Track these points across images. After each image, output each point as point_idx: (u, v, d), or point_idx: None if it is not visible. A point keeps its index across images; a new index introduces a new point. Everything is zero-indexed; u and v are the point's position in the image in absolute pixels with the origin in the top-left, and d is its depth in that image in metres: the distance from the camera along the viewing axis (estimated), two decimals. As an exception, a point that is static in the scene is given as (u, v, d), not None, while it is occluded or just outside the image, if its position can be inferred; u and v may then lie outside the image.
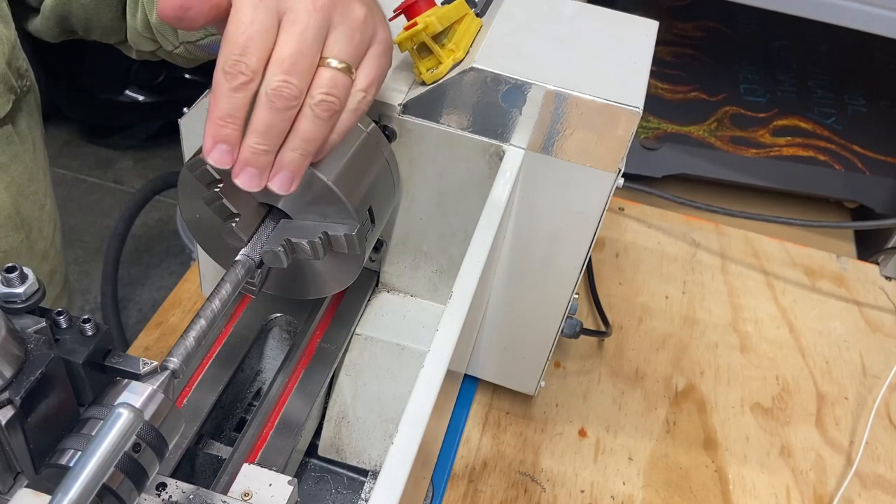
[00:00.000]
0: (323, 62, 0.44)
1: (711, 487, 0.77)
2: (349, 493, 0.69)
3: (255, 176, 0.44)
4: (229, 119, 0.42)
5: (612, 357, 0.88)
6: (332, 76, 0.44)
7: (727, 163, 1.19)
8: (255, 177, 0.44)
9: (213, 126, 0.43)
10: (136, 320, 1.89)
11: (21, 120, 0.65)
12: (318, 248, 0.50)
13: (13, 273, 0.39)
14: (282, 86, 0.42)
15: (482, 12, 0.61)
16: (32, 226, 0.68)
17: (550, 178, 0.59)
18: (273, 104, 0.42)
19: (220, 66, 0.42)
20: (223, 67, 0.42)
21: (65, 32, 0.69)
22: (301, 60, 0.43)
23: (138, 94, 2.19)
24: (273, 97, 0.42)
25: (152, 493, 0.45)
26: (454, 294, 0.50)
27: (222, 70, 0.42)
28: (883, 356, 0.93)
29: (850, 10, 0.97)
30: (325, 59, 0.44)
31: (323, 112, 0.44)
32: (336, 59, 0.44)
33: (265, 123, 0.43)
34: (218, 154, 0.43)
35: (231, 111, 0.42)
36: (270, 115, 0.43)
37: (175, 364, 0.42)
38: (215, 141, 0.43)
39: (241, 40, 0.41)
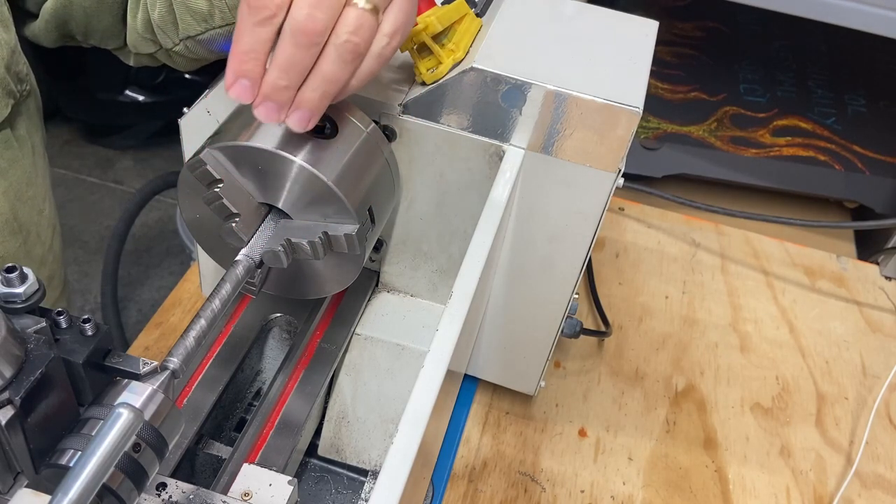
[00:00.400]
0: (350, 1, 0.43)
1: (711, 487, 0.77)
2: (349, 493, 0.69)
3: (273, 110, 0.44)
4: (252, 54, 0.42)
5: (612, 357, 0.88)
6: (358, 16, 0.43)
7: (727, 163, 1.19)
8: (273, 111, 0.44)
9: (234, 61, 0.42)
10: (136, 320, 1.89)
11: (20, 124, 0.65)
12: (318, 248, 0.50)
13: (13, 273, 0.39)
14: (307, 20, 0.41)
15: (482, 12, 0.61)
16: (30, 231, 0.68)
17: (550, 178, 0.59)
18: (297, 39, 0.41)
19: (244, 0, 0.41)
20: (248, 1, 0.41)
21: (63, 37, 0.69)
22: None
23: (138, 94, 2.19)
24: (297, 32, 0.41)
25: (152, 493, 0.45)
26: (454, 294, 0.50)
27: (247, 3, 0.41)
28: (883, 356, 0.93)
29: (850, 10, 0.97)
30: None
31: (347, 53, 0.43)
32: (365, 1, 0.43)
33: (288, 59, 0.42)
34: (239, 88, 0.43)
35: (253, 45, 0.42)
36: (294, 51, 0.42)
37: (175, 364, 0.42)
38: (237, 76, 0.43)
39: None
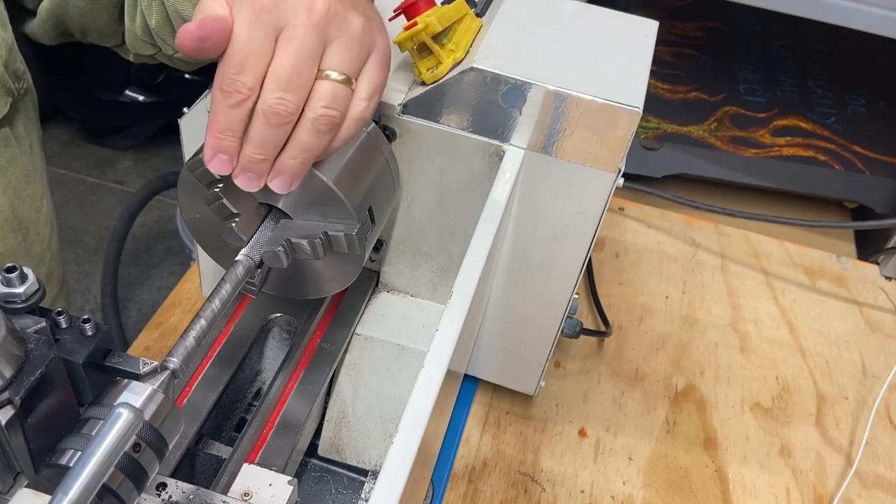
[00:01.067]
0: (321, 74, 0.45)
1: (711, 487, 0.77)
2: (349, 493, 0.69)
3: (253, 179, 0.46)
4: (228, 132, 0.44)
5: (612, 357, 0.88)
6: (332, 89, 0.45)
7: (727, 163, 1.19)
8: (253, 179, 0.46)
9: (212, 138, 0.44)
10: (136, 320, 1.89)
11: (18, 122, 0.65)
12: (318, 248, 0.50)
13: (13, 273, 0.39)
14: (278, 103, 0.43)
15: (482, 12, 0.61)
16: (29, 228, 0.68)
17: (550, 178, 0.59)
18: (269, 120, 0.43)
19: (217, 83, 0.43)
20: (221, 86, 0.43)
21: (61, 35, 0.69)
22: (297, 77, 0.43)
23: (138, 94, 2.19)
24: (269, 114, 0.43)
25: (152, 493, 0.45)
26: (454, 294, 0.50)
27: (220, 88, 0.43)
28: (883, 356, 0.93)
29: (850, 10, 0.97)
30: (323, 72, 0.45)
31: (323, 126, 0.45)
32: (335, 70, 0.45)
33: (262, 137, 0.44)
34: (217, 163, 0.45)
35: (229, 125, 0.44)
36: (266, 130, 0.44)
37: (175, 364, 0.42)
38: (215, 151, 0.44)
39: (237, 60, 0.42)
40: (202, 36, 0.42)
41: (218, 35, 0.43)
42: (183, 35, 0.42)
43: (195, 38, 0.42)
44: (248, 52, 0.42)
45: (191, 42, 0.42)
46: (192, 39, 0.42)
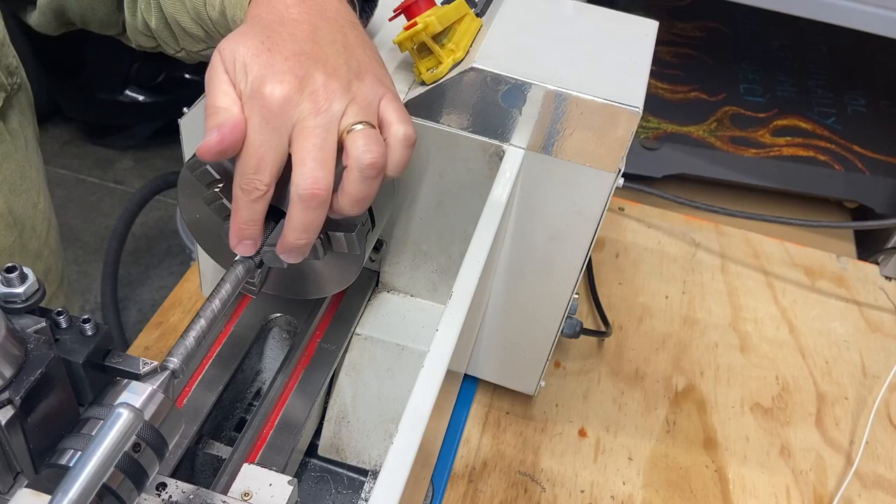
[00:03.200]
0: (345, 133, 0.46)
1: (711, 487, 0.77)
2: (349, 493, 0.69)
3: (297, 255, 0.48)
4: (251, 223, 0.46)
5: (612, 357, 0.88)
6: (364, 135, 0.45)
7: (727, 163, 1.19)
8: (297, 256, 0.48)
9: (237, 228, 0.46)
10: (136, 320, 1.89)
11: (12, 118, 0.65)
12: (318, 248, 0.50)
13: (13, 273, 0.39)
14: (312, 184, 0.44)
15: (482, 12, 0.61)
16: (25, 224, 0.68)
17: (550, 178, 0.59)
18: (307, 204, 0.44)
19: (237, 182, 0.45)
20: (240, 185, 0.45)
21: (63, 25, 0.69)
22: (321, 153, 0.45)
23: (138, 94, 2.19)
24: (306, 198, 0.44)
25: (152, 493, 0.45)
26: (454, 294, 0.50)
27: (240, 187, 0.45)
28: (883, 356, 0.93)
29: (850, 10, 0.97)
30: (344, 130, 0.46)
31: (371, 170, 0.45)
32: (356, 123, 0.46)
33: (303, 222, 0.45)
34: (243, 248, 0.47)
35: (252, 217, 0.46)
36: (306, 215, 0.45)
37: (175, 364, 0.42)
38: (240, 239, 0.47)
39: (253, 160, 0.44)
40: (222, 150, 0.44)
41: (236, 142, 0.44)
42: (204, 150, 0.44)
43: (216, 153, 0.44)
44: (263, 153, 0.44)
45: (212, 155, 0.44)
46: (213, 153, 0.44)
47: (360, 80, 0.48)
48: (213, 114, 0.45)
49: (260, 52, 0.45)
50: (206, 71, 0.47)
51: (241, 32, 0.47)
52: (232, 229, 0.47)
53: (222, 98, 0.45)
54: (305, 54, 0.46)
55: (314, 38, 0.47)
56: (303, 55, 0.46)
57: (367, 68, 0.49)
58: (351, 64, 0.48)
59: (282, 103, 0.44)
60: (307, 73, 0.45)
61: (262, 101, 0.44)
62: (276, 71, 0.45)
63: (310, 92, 0.45)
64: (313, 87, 0.45)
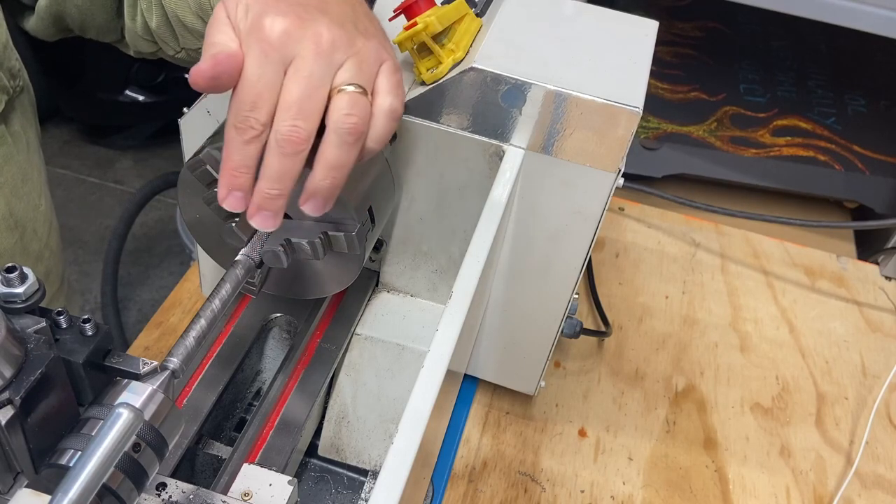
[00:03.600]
0: (335, 91, 0.44)
1: (711, 487, 0.77)
2: (349, 493, 0.69)
3: (269, 217, 0.45)
4: (242, 169, 0.44)
5: (612, 357, 0.88)
6: (349, 98, 0.44)
7: (727, 163, 1.19)
8: (269, 218, 0.45)
9: (227, 176, 0.44)
10: (136, 320, 1.89)
11: (14, 120, 0.65)
12: (318, 248, 0.50)
13: (13, 273, 0.39)
14: (291, 130, 0.43)
15: (482, 12, 0.61)
16: (26, 227, 0.68)
17: (550, 178, 0.59)
18: (283, 150, 0.43)
19: (230, 121, 0.43)
20: (234, 123, 0.43)
21: (61, 31, 0.69)
22: (307, 102, 0.43)
23: (138, 94, 2.19)
24: (283, 143, 0.43)
25: (152, 493, 0.45)
26: (454, 294, 0.50)
27: (234, 126, 0.43)
28: (883, 356, 0.93)
29: (850, 10, 0.97)
30: (336, 88, 0.45)
31: (349, 136, 0.44)
32: (349, 84, 0.45)
33: (277, 170, 0.44)
34: (233, 200, 0.44)
35: (244, 161, 0.43)
36: (281, 161, 0.43)
37: (175, 364, 0.42)
38: (230, 189, 0.44)
39: (249, 96, 0.42)
40: (215, 75, 0.43)
41: (230, 72, 0.43)
42: (196, 74, 0.42)
43: (208, 78, 0.43)
44: (260, 89, 0.43)
45: (204, 81, 0.43)
46: (206, 78, 0.43)
47: (365, 38, 0.46)
48: (209, 47, 0.44)
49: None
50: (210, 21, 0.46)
51: None
52: (221, 178, 0.44)
53: (219, 35, 0.44)
54: (311, 5, 0.45)
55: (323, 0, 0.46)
56: (309, 5, 0.45)
57: (373, 33, 0.48)
58: (357, 25, 0.47)
59: (281, 36, 0.43)
60: (311, 16, 0.44)
61: (261, 33, 0.43)
62: (280, 9, 0.43)
63: (312, 32, 0.44)
64: (316, 28, 0.44)
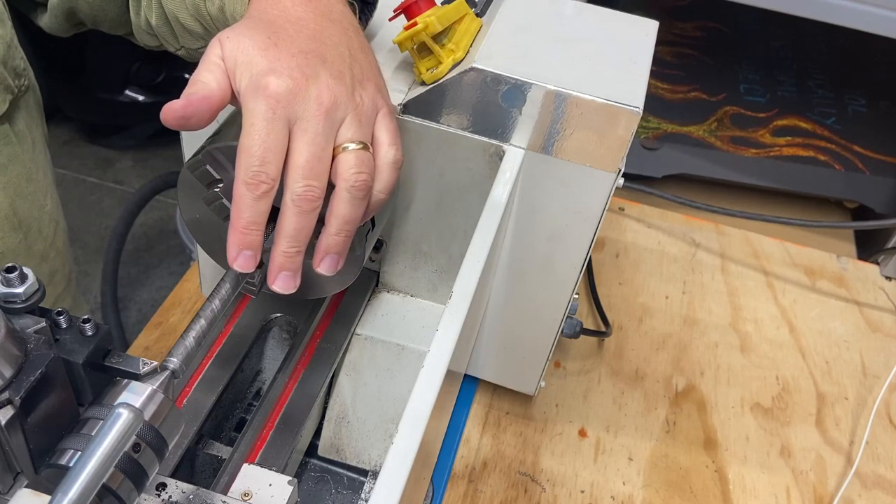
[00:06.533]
0: (339, 150, 0.46)
1: (711, 487, 0.77)
2: (349, 493, 0.69)
3: (290, 278, 0.47)
4: (253, 226, 0.44)
5: (612, 357, 0.88)
6: (355, 156, 0.46)
7: (727, 163, 1.19)
8: (290, 279, 0.47)
9: (237, 235, 0.44)
10: (136, 320, 1.89)
11: (19, 120, 0.65)
12: (318, 248, 0.50)
13: (13, 273, 0.39)
14: (306, 191, 0.44)
15: (482, 12, 0.61)
16: (31, 227, 0.67)
17: (550, 178, 0.59)
18: (300, 209, 0.44)
19: (240, 178, 0.43)
20: (244, 179, 0.43)
21: (74, 26, 0.69)
22: (318, 164, 0.45)
23: (138, 94, 2.19)
24: (299, 202, 0.44)
25: (152, 493, 0.45)
26: (454, 294, 0.50)
27: (244, 182, 0.43)
28: (883, 356, 0.93)
29: (850, 10, 0.97)
30: (340, 147, 0.46)
31: (359, 191, 0.46)
32: (352, 142, 0.46)
33: (295, 228, 0.45)
34: (243, 260, 0.45)
35: (254, 218, 0.44)
36: (299, 220, 0.45)
37: (175, 364, 0.42)
38: (241, 248, 0.45)
39: (258, 153, 0.43)
40: (185, 115, 0.43)
41: (201, 114, 0.44)
42: (167, 111, 0.43)
43: (178, 116, 0.43)
44: (269, 145, 0.43)
45: (174, 119, 0.43)
46: (176, 117, 0.43)
47: (362, 87, 0.48)
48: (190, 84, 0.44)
49: (267, 46, 0.45)
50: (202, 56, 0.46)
51: (245, 26, 0.47)
52: (231, 237, 0.45)
53: (205, 74, 0.45)
54: (312, 53, 0.46)
55: (320, 38, 0.47)
56: (310, 53, 0.46)
57: (368, 76, 0.49)
58: (354, 70, 0.48)
59: (288, 96, 0.44)
60: (314, 72, 0.45)
61: (268, 91, 0.44)
62: (284, 66, 0.44)
63: (316, 93, 0.45)
64: (319, 88, 0.45)
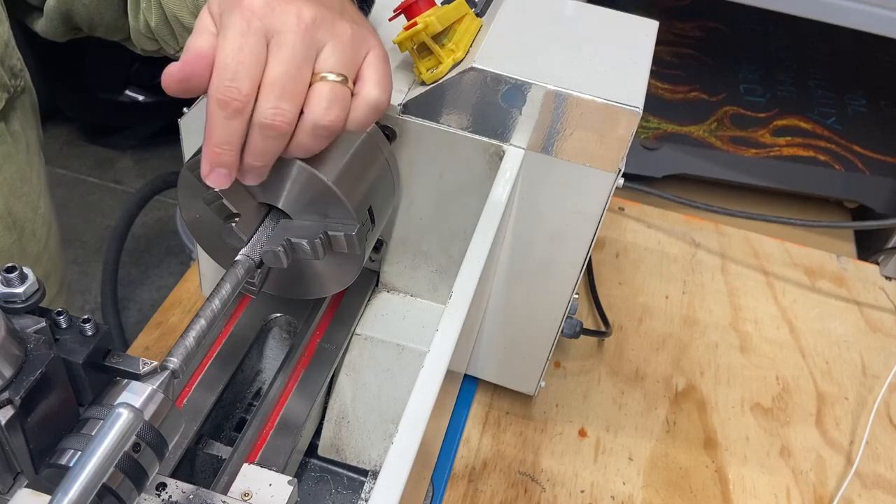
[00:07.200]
0: (316, 78, 0.44)
1: (711, 487, 0.77)
2: (349, 493, 0.69)
3: (254, 178, 0.46)
4: (226, 146, 0.43)
5: (612, 357, 0.88)
6: (329, 89, 0.44)
7: (727, 163, 1.19)
8: (254, 179, 0.46)
9: (210, 152, 0.43)
10: (136, 320, 1.89)
11: (14, 120, 0.65)
12: (318, 248, 0.50)
13: (13, 273, 0.39)
14: (275, 114, 0.42)
15: (482, 12, 0.61)
16: (25, 227, 0.67)
17: (550, 178, 0.59)
18: (266, 133, 0.43)
19: (212, 94, 0.42)
20: (216, 95, 0.42)
21: (70, 31, 0.69)
22: (291, 82, 0.43)
23: (138, 94, 2.19)
24: (266, 127, 0.43)
25: (152, 493, 0.45)
26: (454, 294, 0.50)
27: (215, 99, 0.42)
28: (883, 356, 0.93)
29: (850, 10, 0.97)
30: (318, 75, 0.44)
31: (325, 130, 0.44)
32: (331, 72, 0.44)
33: (261, 149, 0.44)
34: (216, 176, 0.44)
35: (227, 137, 0.43)
36: (265, 143, 0.43)
37: (175, 364, 0.42)
38: (213, 165, 0.44)
39: (231, 66, 0.42)
40: (184, 77, 0.42)
41: (200, 72, 0.42)
42: (166, 77, 0.42)
43: (177, 80, 0.42)
44: (242, 59, 0.42)
45: (174, 83, 0.42)
46: (175, 80, 0.42)
47: (352, 23, 0.46)
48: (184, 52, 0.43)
49: None
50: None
51: None
52: (204, 153, 0.43)
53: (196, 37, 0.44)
54: None
55: None
56: None
57: (360, 21, 0.48)
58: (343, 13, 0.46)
59: (265, 7, 0.42)
60: None
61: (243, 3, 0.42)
62: None
63: (296, 7, 0.43)
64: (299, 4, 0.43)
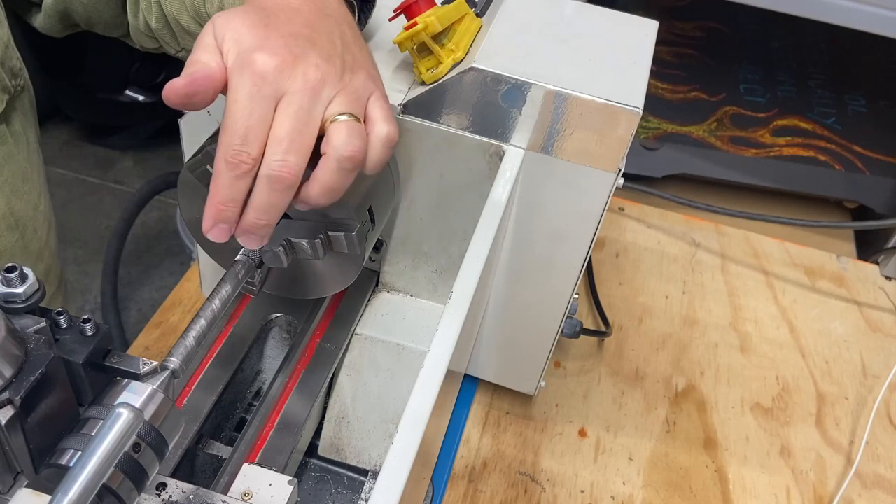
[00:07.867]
0: (328, 122, 0.45)
1: (711, 487, 0.77)
2: (349, 493, 0.69)
3: (255, 240, 0.45)
4: (231, 203, 0.43)
5: (612, 357, 0.88)
6: (348, 126, 0.44)
7: (727, 163, 1.19)
8: (255, 241, 0.46)
9: (214, 209, 0.43)
10: (136, 320, 1.89)
11: (15, 120, 0.65)
12: (318, 248, 0.50)
13: (13, 273, 0.39)
14: (281, 166, 0.42)
15: (482, 12, 0.61)
16: (27, 226, 0.68)
17: (550, 178, 0.59)
18: (273, 186, 0.43)
19: (221, 155, 0.43)
20: (225, 157, 0.42)
21: (68, 27, 0.69)
22: (298, 138, 0.43)
23: (138, 94, 2.19)
24: (273, 179, 0.43)
25: (152, 493, 0.45)
26: (454, 294, 0.50)
27: (224, 160, 0.42)
28: (883, 356, 0.93)
29: (850, 10, 0.97)
30: (328, 119, 0.45)
31: (348, 163, 0.44)
32: (342, 114, 0.45)
33: (266, 203, 0.44)
34: (218, 231, 0.44)
35: (233, 196, 0.43)
36: (270, 196, 0.43)
37: (175, 364, 0.42)
38: (216, 221, 0.44)
39: (240, 131, 0.42)
40: (189, 93, 0.42)
41: (205, 92, 0.43)
42: (169, 90, 0.42)
43: (182, 95, 0.42)
44: (251, 124, 0.42)
45: (178, 97, 0.42)
46: (179, 95, 0.42)
47: (353, 73, 0.47)
48: (190, 65, 0.44)
49: (256, 26, 0.44)
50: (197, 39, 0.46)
51: (238, 9, 0.46)
52: (208, 210, 0.44)
53: (202, 55, 0.44)
54: (303, 37, 0.45)
55: (313, 27, 0.47)
56: (300, 37, 0.45)
57: (360, 65, 0.48)
58: (346, 57, 0.47)
59: (274, 72, 0.43)
60: (303, 52, 0.44)
61: (253, 68, 0.43)
62: (271, 45, 0.44)
63: (303, 70, 0.44)
64: (307, 66, 0.44)
